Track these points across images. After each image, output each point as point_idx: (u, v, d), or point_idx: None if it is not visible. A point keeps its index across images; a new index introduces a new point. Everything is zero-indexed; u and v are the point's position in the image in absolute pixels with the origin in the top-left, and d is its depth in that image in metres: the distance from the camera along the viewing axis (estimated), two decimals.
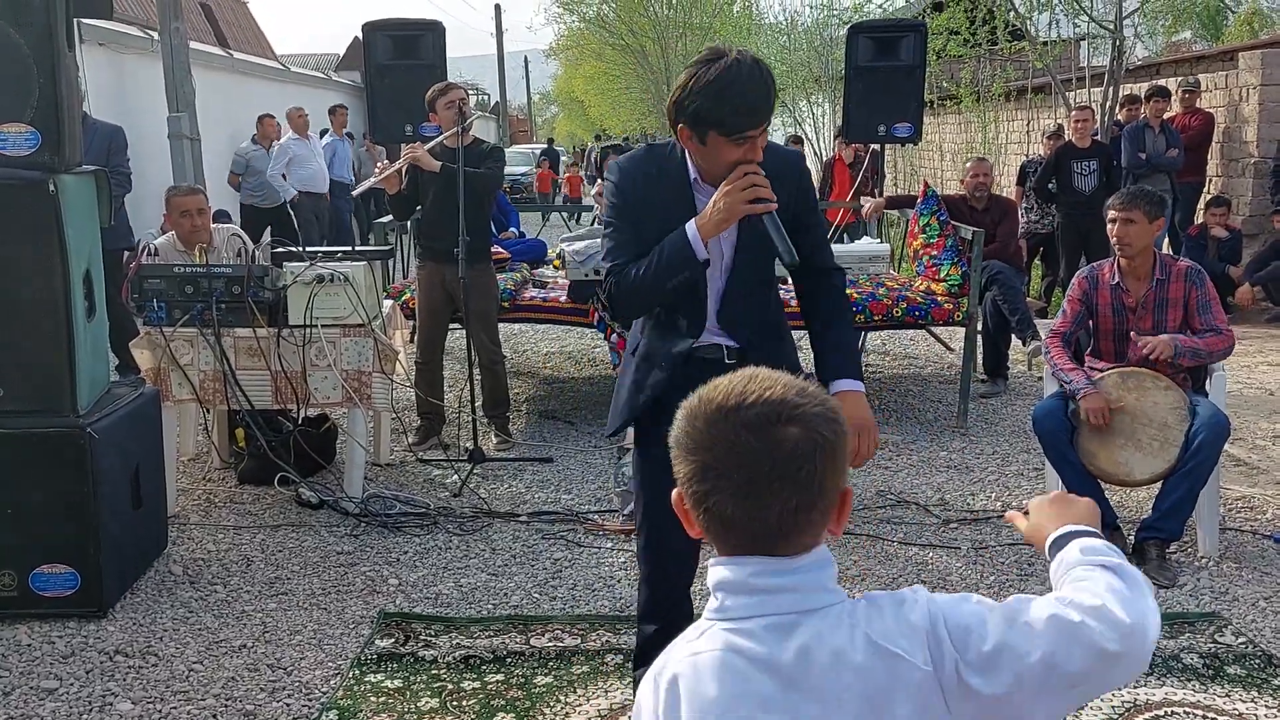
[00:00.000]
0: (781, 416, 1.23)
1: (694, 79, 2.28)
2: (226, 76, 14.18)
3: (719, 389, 1.27)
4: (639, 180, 2.49)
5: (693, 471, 1.26)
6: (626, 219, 2.49)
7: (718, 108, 2.26)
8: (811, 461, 1.22)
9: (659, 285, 2.42)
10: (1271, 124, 9.60)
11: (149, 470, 3.98)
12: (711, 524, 1.27)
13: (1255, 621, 3.50)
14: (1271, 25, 23.81)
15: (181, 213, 4.99)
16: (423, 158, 5.11)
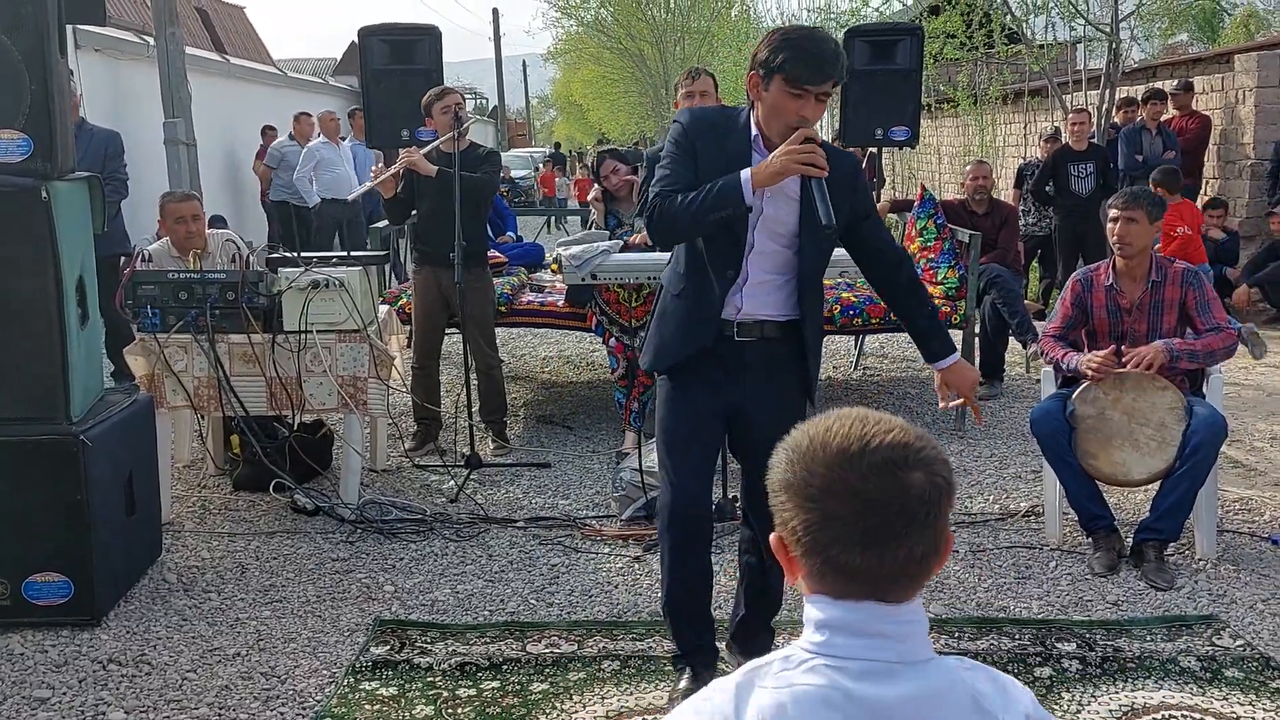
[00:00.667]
0: (908, 461, 1.19)
1: (777, 33, 2.64)
2: (223, 82, 14.19)
3: (834, 432, 1.21)
4: (704, 128, 2.76)
5: (811, 521, 1.20)
6: (684, 156, 2.75)
7: (788, 55, 2.56)
8: (936, 506, 1.20)
9: (702, 216, 2.67)
10: (1268, 126, 9.60)
11: (143, 477, 3.96)
12: (829, 572, 1.21)
13: (1253, 624, 3.49)
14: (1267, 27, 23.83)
15: (176, 219, 4.98)
16: (419, 162, 5.11)
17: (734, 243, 2.79)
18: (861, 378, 7.14)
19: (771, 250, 2.81)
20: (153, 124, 10.61)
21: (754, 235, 2.78)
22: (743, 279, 2.83)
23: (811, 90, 2.60)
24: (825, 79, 2.60)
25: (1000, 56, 12.30)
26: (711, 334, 2.84)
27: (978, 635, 3.44)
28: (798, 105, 2.61)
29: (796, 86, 2.59)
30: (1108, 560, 3.91)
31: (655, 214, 2.77)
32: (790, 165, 2.58)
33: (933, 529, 1.20)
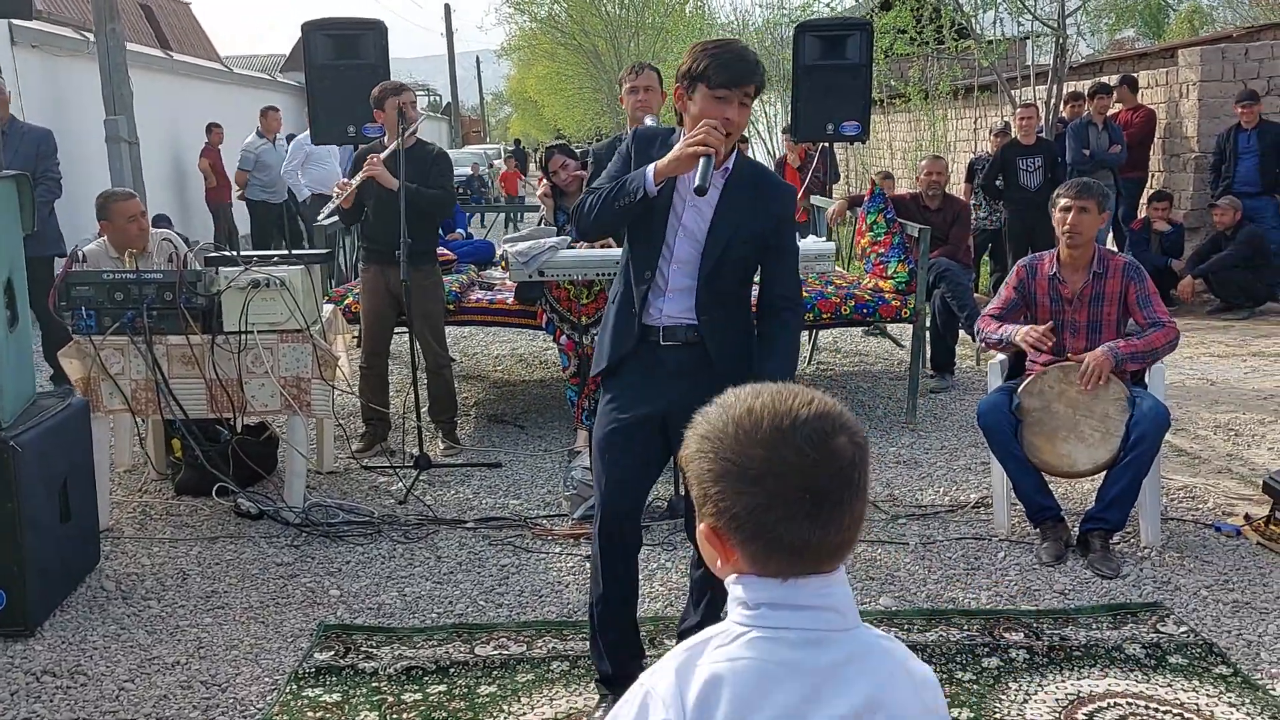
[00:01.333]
0: (835, 427, 1.19)
1: (698, 45, 2.78)
2: (166, 78, 13.95)
3: (755, 411, 1.19)
4: (645, 142, 2.94)
5: (756, 504, 1.17)
6: (622, 163, 2.94)
7: (710, 62, 2.71)
8: (864, 467, 1.21)
9: (610, 203, 2.85)
10: (1210, 119, 9.75)
11: (78, 483, 3.86)
12: (775, 552, 1.19)
13: (1197, 610, 3.52)
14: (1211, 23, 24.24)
15: (129, 218, 4.85)
16: (383, 175, 5.01)
17: (651, 246, 2.90)
18: (815, 372, 7.15)
19: (690, 257, 2.90)
20: (94, 121, 10.40)
21: (676, 242, 2.89)
22: (664, 283, 2.90)
23: (734, 94, 2.72)
24: (746, 82, 2.72)
25: (950, 52, 12.38)
26: (633, 337, 2.93)
27: (927, 627, 3.44)
28: (721, 109, 2.72)
29: (720, 90, 2.71)
30: (1055, 550, 3.93)
31: (577, 206, 2.98)
32: (684, 150, 2.70)
33: (864, 491, 1.22)
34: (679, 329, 2.91)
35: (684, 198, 2.86)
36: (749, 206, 2.86)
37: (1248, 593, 3.64)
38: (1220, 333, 8.10)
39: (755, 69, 2.75)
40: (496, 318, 5.92)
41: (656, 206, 2.85)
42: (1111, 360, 3.88)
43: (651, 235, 2.89)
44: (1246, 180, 8.99)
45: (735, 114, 2.72)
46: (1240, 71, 9.84)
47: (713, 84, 2.71)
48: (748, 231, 2.86)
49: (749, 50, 2.82)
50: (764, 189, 2.91)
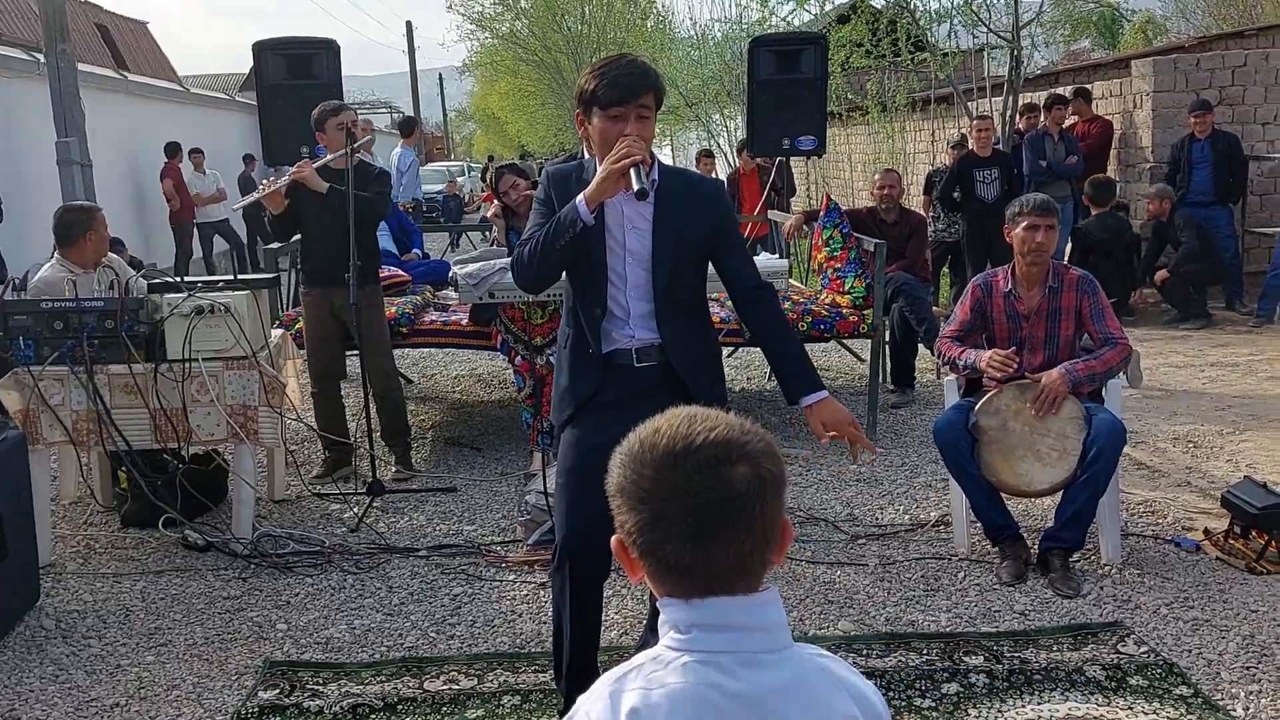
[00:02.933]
0: (731, 456, 1.21)
1: (587, 70, 2.78)
2: (121, 99, 13.77)
3: (661, 433, 1.24)
4: (558, 181, 2.91)
5: (642, 522, 1.22)
6: (546, 209, 2.88)
7: (596, 84, 2.71)
8: (761, 499, 1.21)
9: (550, 244, 2.77)
10: (1164, 129, 9.84)
11: (15, 520, 3.74)
12: (663, 571, 1.24)
13: (1157, 629, 3.49)
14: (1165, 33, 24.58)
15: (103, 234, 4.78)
16: (310, 177, 4.94)
17: (595, 282, 2.87)
18: (775, 388, 7.11)
19: (644, 280, 2.88)
20: (46, 144, 10.23)
21: (627, 269, 2.87)
22: (624, 313, 2.88)
23: (628, 109, 2.70)
24: (637, 95, 2.71)
25: (907, 64, 12.45)
26: (596, 378, 2.90)
27: (886, 652, 3.39)
28: (619, 127, 2.71)
29: (613, 109, 2.71)
30: (1014, 569, 3.90)
31: (515, 260, 2.91)
32: (609, 170, 2.67)
33: (759, 522, 1.21)
34: (651, 349, 2.90)
35: (623, 224, 2.83)
36: (686, 211, 2.85)
37: (1207, 609, 3.62)
38: (1179, 343, 8.15)
39: (643, 80, 2.73)
40: (451, 339, 5.84)
41: (591, 239, 2.81)
42: (1068, 384, 3.86)
43: (593, 270, 2.86)
44: (1201, 189, 9.08)
45: (635, 128, 2.71)
46: (1193, 81, 9.95)
47: (604, 104, 2.71)
48: (692, 235, 2.86)
49: (637, 62, 2.79)
50: (694, 190, 2.92)
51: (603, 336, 2.89)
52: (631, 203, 2.81)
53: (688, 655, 1.22)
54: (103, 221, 4.82)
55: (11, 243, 9.17)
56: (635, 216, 2.84)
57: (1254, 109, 10.08)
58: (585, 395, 2.90)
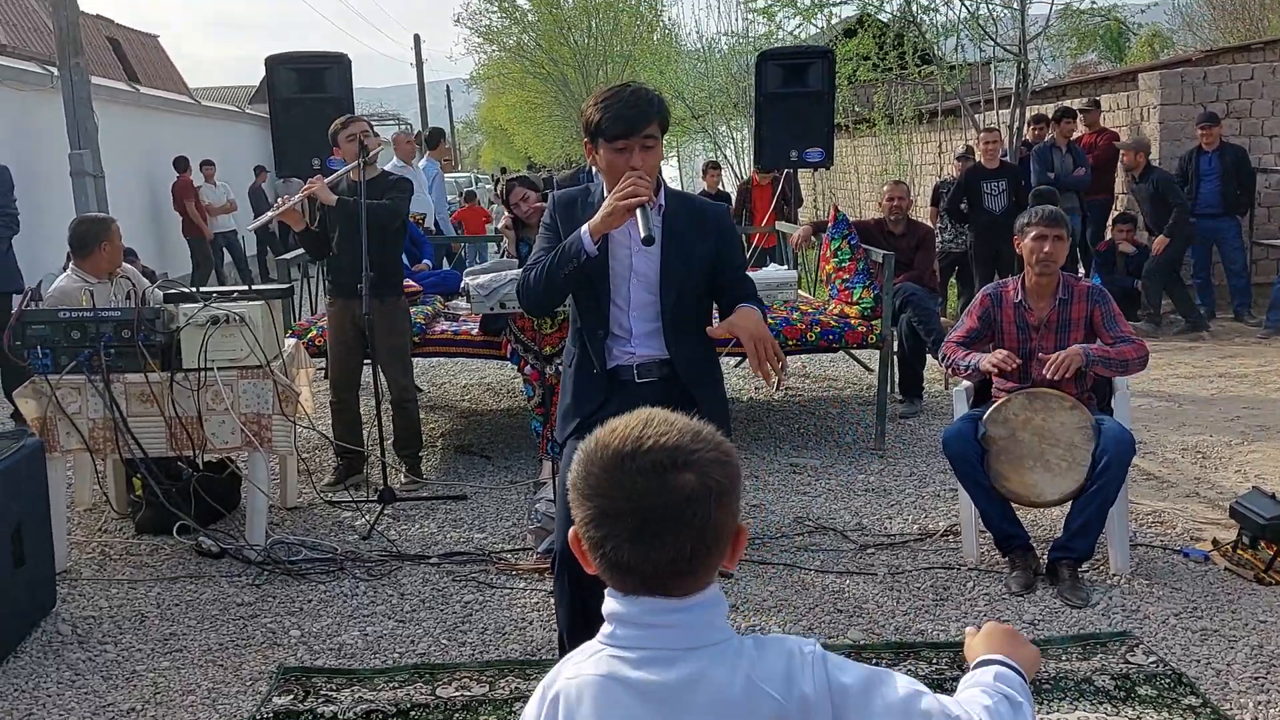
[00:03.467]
0: (676, 462, 1.24)
1: (592, 98, 2.83)
2: (133, 111, 13.87)
3: (616, 434, 1.28)
4: (564, 206, 2.96)
5: (589, 516, 1.27)
6: (552, 235, 2.94)
7: (601, 116, 2.76)
8: (705, 506, 1.24)
9: (554, 273, 2.83)
10: (1171, 142, 9.87)
11: (32, 526, 3.78)
12: (606, 567, 1.29)
13: (1166, 639, 3.51)
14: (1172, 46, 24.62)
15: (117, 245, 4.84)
16: (320, 191, 4.99)
17: (599, 304, 2.95)
18: (784, 399, 7.14)
19: (649, 301, 2.96)
20: (59, 156, 10.31)
21: (632, 292, 2.95)
22: (626, 334, 2.97)
23: (633, 141, 2.76)
24: (641, 126, 2.75)
25: (914, 77, 12.49)
26: (600, 393, 2.97)
27: (896, 661, 3.41)
28: (625, 158, 2.76)
29: (618, 142, 2.76)
30: (1024, 579, 3.92)
31: (520, 286, 2.97)
32: (615, 205, 2.72)
33: (704, 528, 1.25)
34: (651, 365, 2.98)
35: (629, 248, 2.90)
36: (692, 235, 2.93)
37: (1216, 620, 3.63)
38: (1187, 354, 8.16)
39: (648, 111, 2.77)
40: (461, 349, 5.88)
41: (595, 265, 2.86)
42: (1083, 358, 3.87)
43: (598, 293, 2.93)
44: (1208, 202, 9.09)
45: (641, 159, 2.77)
46: (1200, 94, 9.99)
47: (609, 137, 2.76)
48: (698, 259, 2.95)
49: (641, 91, 2.81)
50: (698, 213, 2.99)
51: (605, 356, 2.97)
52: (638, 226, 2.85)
53: (607, 649, 1.29)
54: (117, 232, 4.88)
55: (24, 252, 9.22)
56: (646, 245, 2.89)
57: (1261, 122, 10.11)
58: (589, 411, 2.96)
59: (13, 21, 17.15)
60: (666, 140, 3.39)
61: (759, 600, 3.92)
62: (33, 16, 17.52)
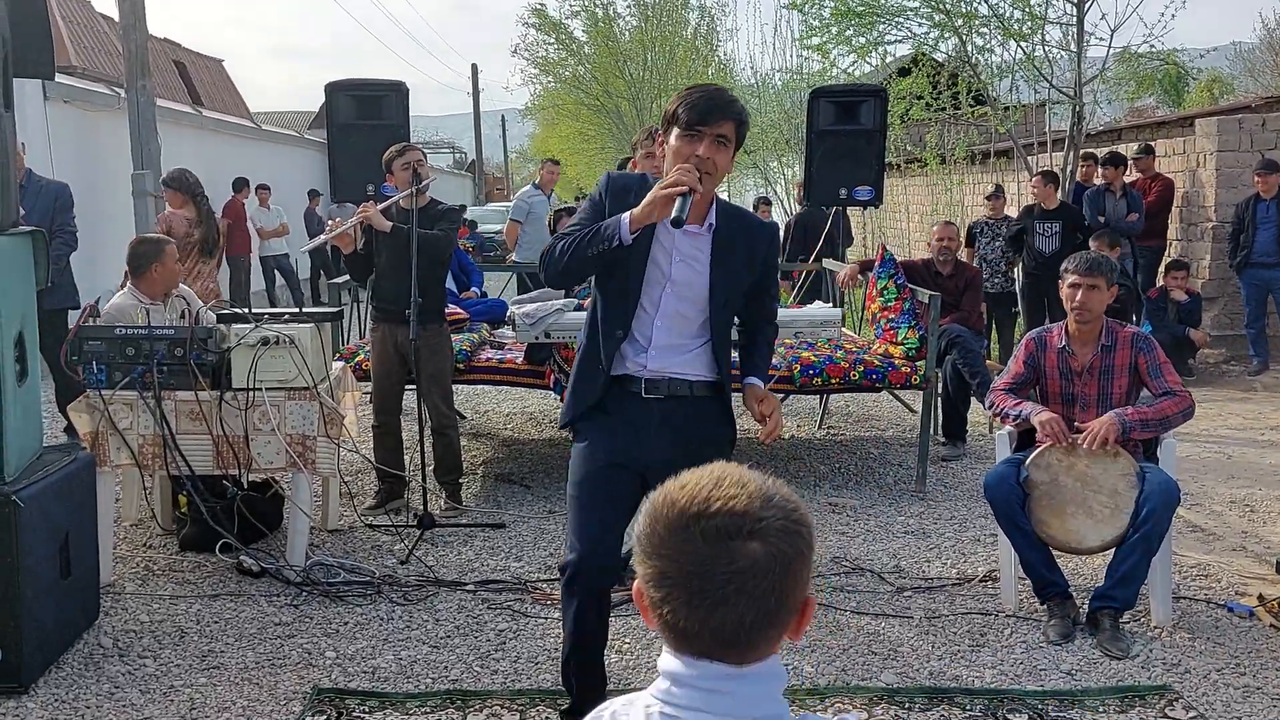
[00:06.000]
0: (743, 530, 1.19)
1: (677, 92, 2.81)
2: (195, 133, 14.20)
3: (685, 491, 1.23)
4: (618, 189, 2.90)
5: (649, 575, 1.23)
6: (594, 211, 2.88)
7: (682, 103, 2.74)
8: (771, 577, 1.20)
9: (581, 250, 2.78)
10: (1228, 189, 9.74)
11: (80, 539, 3.86)
12: (664, 628, 1.24)
13: (1207, 695, 3.44)
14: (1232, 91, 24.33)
15: (176, 259, 4.97)
16: (375, 217, 5.08)
17: (626, 303, 2.89)
18: (825, 437, 7.11)
19: (682, 313, 2.90)
20: (123, 175, 10.58)
21: (663, 298, 2.88)
22: (645, 340, 2.90)
23: (706, 131, 2.71)
24: (717, 118, 2.72)
25: (967, 118, 12.46)
26: (596, 393, 2.94)
27: (929, 706, 3.37)
28: (692, 146, 2.71)
29: (690, 128, 2.72)
30: (1062, 628, 3.86)
31: (547, 250, 2.90)
32: (659, 193, 2.67)
33: (769, 600, 1.20)
34: (663, 382, 2.91)
35: (671, 255, 2.85)
36: (741, 259, 2.91)
37: (1259, 677, 3.56)
38: (1239, 404, 8.02)
39: (726, 106, 2.74)
40: (505, 377, 5.93)
41: (632, 261, 2.82)
42: (1118, 426, 3.83)
43: (627, 291, 2.87)
44: (1265, 250, 8.95)
45: (708, 151, 2.71)
46: (1258, 141, 9.86)
47: (683, 123, 2.73)
48: (744, 283, 2.96)
49: (724, 91, 2.83)
50: (749, 235, 2.96)
51: (613, 358, 2.92)
52: (689, 235, 2.84)
53: (663, 705, 1.24)
54: (172, 255, 4.99)
55: (84, 270, 9.45)
56: (690, 250, 2.86)
57: None
58: (588, 403, 2.94)
59: (85, 43, 17.67)
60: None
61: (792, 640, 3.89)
62: (104, 39, 18.03)
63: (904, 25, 11.14)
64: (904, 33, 11.26)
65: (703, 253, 2.87)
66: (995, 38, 10.96)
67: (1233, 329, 9.73)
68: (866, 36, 11.28)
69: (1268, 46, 26.97)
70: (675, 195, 2.64)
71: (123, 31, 11.07)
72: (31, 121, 9.60)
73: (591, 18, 27.78)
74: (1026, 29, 10.56)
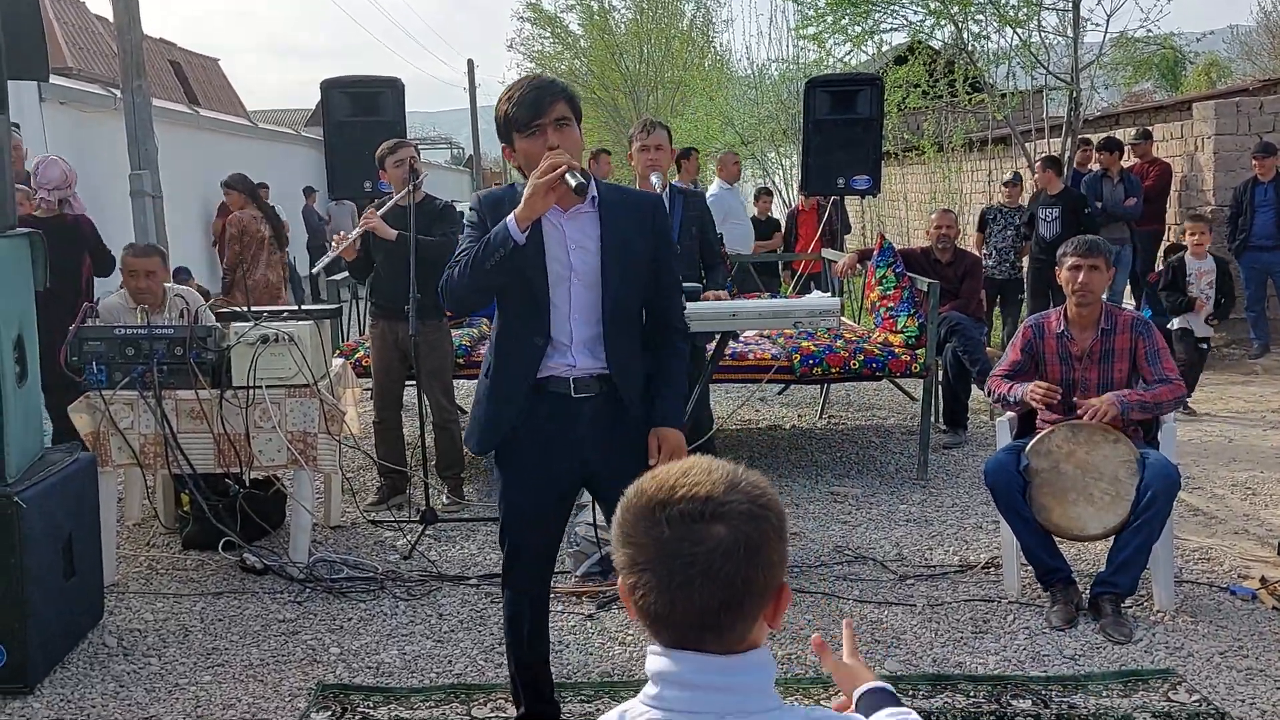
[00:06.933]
0: (706, 514, 1.23)
1: (500, 99, 2.77)
2: (192, 133, 14.19)
3: (654, 480, 1.28)
4: (491, 205, 2.83)
5: (624, 562, 1.27)
6: (478, 231, 2.80)
7: (508, 108, 2.72)
8: (736, 559, 1.22)
9: (479, 264, 2.69)
10: (1226, 172, 9.73)
11: (83, 539, 3.87)
12: (642, 616, 1.27)
13: (1210, 678, 3.44)
14: (1229, 75, 24.29)
15: (130, 272, 4.92)
16: (379, 226, 5.07)
17: (537, 308, 2.78)
18: (826, 426, 7.11)
19: (590, 301, 2.79)
20: (120, 176, 10.57)
21: (572, 292, 2.78)
22: (568, 339, 2.80)
23: (544, 122, 2.70)
24: (548, 107, 2.69)
25: (964, 105, 12.44)
26: (518, 408, 2.82)
27: (932, 693, 3.38)
28: (541, 142, 2.69)
29: (529, 127, 2.71)
30: (1065, 614, 3.86)
31: (444, 281, 2.79)
32: (536, 184, 2.62)
33: (732, 583, 1.22)
34: (590, 379, 2.82)
35: (566, 245, 2.77)
36: (629, 225, 2.81)
37: (1262, 659, 3.56)
38: (1239, 387, 8.02)
39: (550, 91, 2.71)
40: None
41: (530, 264, 2.72)
42: (1119, 406, 3.83)
43: (534, 297, 2.76)
44: (1264, 233, 8.94)
45: (557, 138, 2.68)
46: (1255, 124, 9.85)
47: (520, 124, 2.70)
48: (638, 252, 2.82)
49: (541, 77, 2.81)
50: (634, 204, 2.88)
51: (536, 367, 2.81)
52: (573, 220, 2.76)
53: (653, 712, 1.25)
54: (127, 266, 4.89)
55: None
56: (580, 235, 2.77)
57: None
58: (511, 422, 2.82)
59: (80, 44, 17.65)
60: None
61: (796, 629, 3.90)
62: (99, 40, 18.02)
63: (899, 13, 11.11)
64: (899, 21, 11.22)
65: (593, 231, 2.78)
66: (991, 24, 10.94)
67: (1233, 312, 9.70)
68: (862, 25, 11.26)
69: (1264, 29, 26.92)
70: (555, 179, 2.59)
71: (117, 32, 11.04)
72: (28, 123, 9.60)
73: (587, 11, 27.75)
74: (1022, 15, 10.54)
